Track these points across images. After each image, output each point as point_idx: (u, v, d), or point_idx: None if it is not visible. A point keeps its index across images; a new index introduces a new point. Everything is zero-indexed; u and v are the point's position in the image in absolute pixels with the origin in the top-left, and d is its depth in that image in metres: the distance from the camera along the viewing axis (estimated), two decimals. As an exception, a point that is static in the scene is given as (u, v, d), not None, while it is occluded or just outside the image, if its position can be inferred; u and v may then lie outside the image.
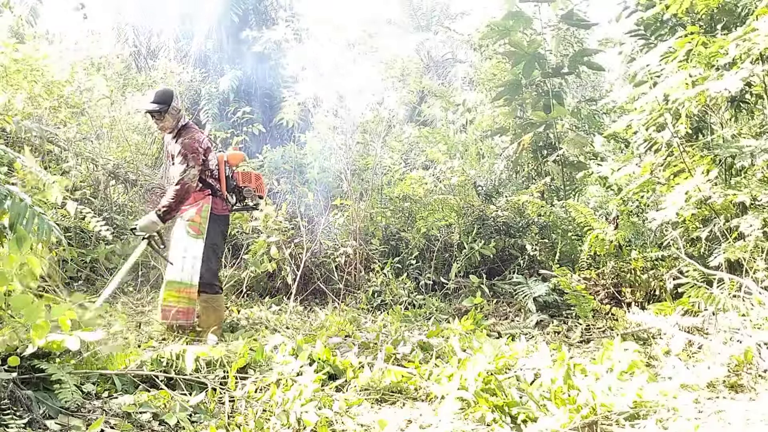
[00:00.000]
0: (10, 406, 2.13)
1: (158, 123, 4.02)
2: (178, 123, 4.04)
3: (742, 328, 3.44)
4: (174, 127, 4.03)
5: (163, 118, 3.97)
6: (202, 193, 4.04)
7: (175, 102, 3.98)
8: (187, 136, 3.97)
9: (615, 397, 2.79)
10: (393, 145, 8.83)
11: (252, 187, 4.31)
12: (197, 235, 3.93)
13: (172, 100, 3.96)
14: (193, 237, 3.92)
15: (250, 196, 4.28)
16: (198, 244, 3.92)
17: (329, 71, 8.75)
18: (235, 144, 6.66)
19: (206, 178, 4.06)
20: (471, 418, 2.72)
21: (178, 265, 3.90)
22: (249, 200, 4.30)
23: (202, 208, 4.00)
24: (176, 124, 4.02)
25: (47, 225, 2.27)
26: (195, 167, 3.86)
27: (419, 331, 4.65)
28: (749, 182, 4.62)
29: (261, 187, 4.42)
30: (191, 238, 3.92)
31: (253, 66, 12.48)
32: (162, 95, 3.97)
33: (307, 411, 2.58)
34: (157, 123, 4.04)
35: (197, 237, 3.93)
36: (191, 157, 3.86)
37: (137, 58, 12.89)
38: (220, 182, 4.13)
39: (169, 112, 3.95)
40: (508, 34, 7.21)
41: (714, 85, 3.85)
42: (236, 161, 4.34)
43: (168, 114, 3.96)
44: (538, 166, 7.64)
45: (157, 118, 3.99)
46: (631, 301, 5.07)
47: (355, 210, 6.42)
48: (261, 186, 4.42)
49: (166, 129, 4.04)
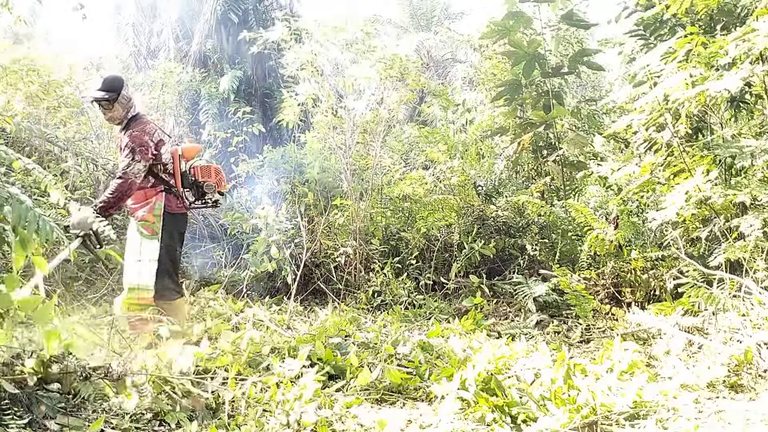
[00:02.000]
0: (10, 406, 2.13)
1: (106, 113, 3.70)
2: (128, 113, 3.72)
3: (742, 328, 3.45)
4: (123, 118, 3.71)
5: (111, 107, 3.65)
6: (155, 190, 3.72)
7: (125, 90, 3.68)
8: (137, 128, 3.65)
9: (615, 397, 2.80)
10: (393, 145, 8.83)
11: (212, 182, 3.97)
12: (151, 235, 3.64)
13: (123, 88, 3.66)
14: (147, 238, 3.63)
15: (210, 191, 3.94)
16: (153, 245, 3.63)
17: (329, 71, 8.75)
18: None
19: (159, 172, 3.74)
20: (471, 418, 2.72)
21: (135, 268, 3.61)
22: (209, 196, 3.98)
23: (154, 206, 3.68)
24: (125, 114, 3.71)
25: (48, 226, 2.27)
26: (141, 161, 3.56)
27: (419, 331, 4.65)
28: (749, 182, 4.62)
29: (221, 182, 4.07)
30: (145, 239, 3.63)
31: (253, 66, 12.49)
32: (111, 82, 3.66)
33: (307, 411, 2.58)
34: (104, 113, 3.71)
35: (151, 238, 3.63)
36: (138, 151, 3.56)
37: (137, 58, 12.89)
38: (175, 178, 3.81)
39: (118, 101, 3.64)
40: (508, 34, 7.21)
41: (714, 85, 3.85)
42: (191, 155, 3.99)
43: (117, 103, 3.64)
44: (538, 166, 7.64)
45: (105, 107, 3.66)
46: (631, 301, 5.07)
47: (355, 210, 6.41)
48: (221, 180, 4.07)
49: (114, 120, 3.72)
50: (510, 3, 7.35)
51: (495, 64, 8.44)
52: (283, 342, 3.68)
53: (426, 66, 14.47)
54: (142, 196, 3.68)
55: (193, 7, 12.89)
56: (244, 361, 3.17)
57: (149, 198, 3.69)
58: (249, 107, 9.95)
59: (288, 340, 3.72)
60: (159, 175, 3.73)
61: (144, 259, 3.60)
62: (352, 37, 6.78)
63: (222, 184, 4.06)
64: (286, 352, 3.40)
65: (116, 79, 3.68)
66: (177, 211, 3.79)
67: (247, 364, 3.17)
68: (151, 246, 3.62)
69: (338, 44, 6.84)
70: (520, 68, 7.26)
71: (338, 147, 6.74)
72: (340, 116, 7.00)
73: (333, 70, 8.58)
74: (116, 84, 3.64)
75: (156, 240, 3.63)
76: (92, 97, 3.68)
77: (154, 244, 3.62)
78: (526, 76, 7.26)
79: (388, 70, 6.59)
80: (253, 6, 12.84)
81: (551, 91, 7.39)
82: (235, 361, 3.12)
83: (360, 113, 6.92)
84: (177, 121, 10.18)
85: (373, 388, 3.09)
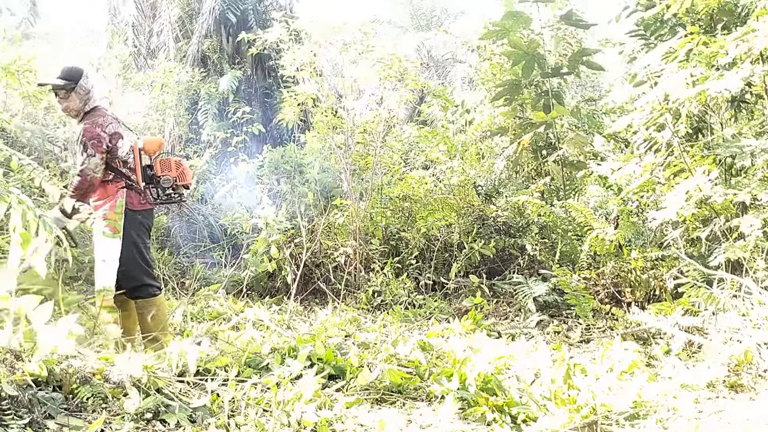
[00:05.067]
0: (10, 406, 2.13)
1: (62, 102, 3.54)
2: (85, 105, 3.56)
3: (742, 328, 3.45)
4: (80, 110, 3.56)
5: (68, 97, 3.51)
6: (115, 186, 3.55)
7: (84, 81, 3.52)
8: (89, 119, 3.51)
9: (615, 397, 2.80)
10: (393, 145, 8.83)
11: (172, 176, 3.73)
12: (113, 234, 3.47)
13: (81, 78, 3.51)
14: (109, 236, 3.47)
15: (168, 185, 3.71)
16: (115, 243, 3.47)
17: (328, 71, 8.74)
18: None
19: (118, 167, 3.57)
20: (471, 418, 2.72)
21: (100, 269, 3.47)
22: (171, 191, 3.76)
23: (116, 203, 3.51)
24: (83, 107, 3.55)
25: (48, 226, 2.27)
26: (96, 155, 3.41)
27: (419, 331, 4.65)
28: (749, 182, 4.62)
29: (184, 176, 3.80)
30: (107, 238, 3.47)
31: (252, 66, 12.49)
32: (70, 71, 3.51)
33: (307, 411, 2.58)
34: (60, 102, 3.55)
35: (113, 236, 3.47)
36: (90, 144, 3.41)
37: (137, 58, 12.89)
38: (136, 173, 3.63)
39: (75, 91, 3.50)
40: (507, 34, 7.21)
41: (714, 84, 3.86)
42: (153, 148, 3.77)
43: (75, 93, 3.50)
44: (538, 166, 7.64)
45: (62, 96, 3.51)
46: (631, 301, 5.07)
47: (355, 210, 6.41)
48: (184, 174, 3.80)
49: (70, 111, 3.56)
50: (509, 3, 7.35)
51: (494, 64, 8.44)
52: (283, 342, 3.67)
53: (426, 66, 14.48)
54: (104, 192, 3.53)
55: (192, 6, 12.90)
56: (244, 361, 3.17)
57: (110, 194, 3.54)
58: (249, 107, 9.96)
59: (288, 340, 3.72)
60: (118, 169, 3.57)
61: (108, 260, 3.45)
62: (351, 38, 6.78)
63: (184, 177, 3.80)
64: (286, 352, 3.40)
65: (75, 68, 3.55)
66: (140, 208, 3.61)
67: (247, 364, 3.16)
68: (113, 245, 3.47)
69: (337, 44, 6.84)
70: (519, 68, 7.26)
71: (338, 147, 6.74)
72: (340, 116, 7.00)
73: (332, 71, 8.57)
74: (74, 73, 3.51)
75: (118, 239, 3.47)
76: (49, 84, 3.56)
77: (116, 243, 3.47)
78: (525, 76, 7.26)
79: (388, 70, 6.60)
80: (252, 6, 12.84)
81: (551, 91, 7.39)
82: (235, 362, 3.12)
83: (360, 113, 6.92)
84: (177, 121, 10.18)
85: (373, 388, 3.09)
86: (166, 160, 3.78)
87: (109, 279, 3.44)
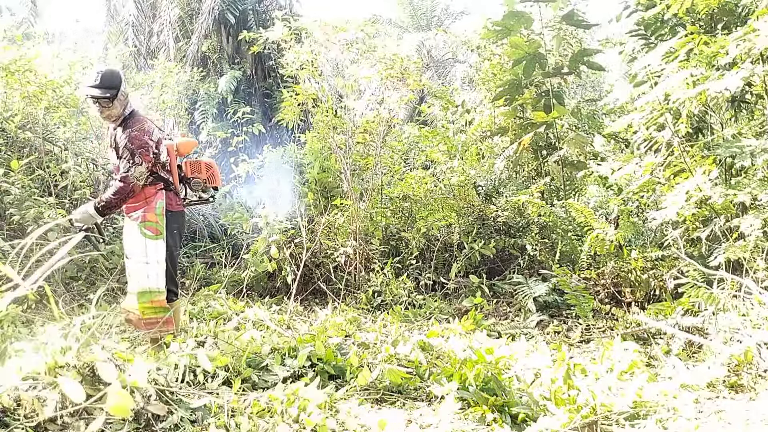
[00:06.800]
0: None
1: (104, 111, 3.43)
2: (125, 110, 3.48)
3: (742, 328, 3.44)
4: (120, 116, 3.47)
5: (110, 105, 3.40)
6: (154, 188, 3.54)
7: (123, 86, 3.44)
8: (135, 127, 3.43)
9: (615, 397, 2.80)
10: (393, 145, 8.83)
11: (202, 178, 3.77)
12: (156, 235, 3.48)
13: (122, 84, 3.42)
14: (152, 239, 3.47)
15: (198, 188, 3.75)
16: (159, 245, 3.48)
17: (329, 71, 8.74)
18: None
19: (158, 171, 3.56)
20: (471, 418, 2.72)
21: (143, 271, 3.46)
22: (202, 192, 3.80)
23: (155, 206, 3.51)
24: (122, 111, 3.46)
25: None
26: (143, 164, 3.39)
27: (419, 331, 4.65)
28: (749, 182, 4.62)
29: (213, 177, 3.83)
30: (150, 240, 3.47)
31: (252, 66, 12.50)
32: (110, 78, 3.38)
33: (306, 412, 2.58)
34: (102, 111, 3.44)
35: (156, 238, 3.48)
36: (139, 153, 3.37)
37: (137, 58, 12.90)
38: (172, 174, 3.65)
39: (117, 98, 3.39)
40: (508, 34, 7.21)
41: (715, 84, 3.85)
42: (187, 150, 3.79)
43: (116, 100, 3.40)
44: (538, 166, 7.64)
45: (104, 105, 3.40)
46: (631, 301, 5.07)
47: (355, 210, 6.41)
48: (213, 176, 3.83)
49: (111, 118, 3.46)
50: (510, 3, 7.35)
51: (495, 64, 8.44)
52: (283, 342, 3.67)
53: (426, 66, 14.48)
54: (141, 195, 3.50)
55: (192, 6, 12.91)
56: (244, 361, 3.16)
57: (148, 197, 3.51)
58: (249, 107, 9.96)
59: (288, 340, 3.72)
60: (157, 172, 3.56)
61: (151, 261, 3.46)
62: (352, 37, 6.78)
63: (214, 179, 3.85)
64: (286, 352, 3.40)
65: (114, 74, 3.43)
66: (177, 209, 3.64)
67: (247, 364, 3.16)
68: (157, 246, 3.48)
69: (338, 44, 6.84)
70: (520, 68, 7.26)
71: (338, 147, 6.73)
72: (340, 116, 6.99)
73: (333, 70, 8.57)
74: (115, 80, 3.39)
75: (161, 239, 3.49)
76: (90, 96, 3.41)
77: (159, 244, 3.48)
78: (526, 76, 7.25)
79: (389, 70, 6.59)
80: (252, 6, 12.85)
81: (551, 91, 7.38)
82: (236, 362, 3.12)
83: (360, 113, 6.92)
84: (177, 121, 10.19)
85: (373, 388, 3.09)
86: (195, 162, 3.83)
87: (158, 279, 3.46)
